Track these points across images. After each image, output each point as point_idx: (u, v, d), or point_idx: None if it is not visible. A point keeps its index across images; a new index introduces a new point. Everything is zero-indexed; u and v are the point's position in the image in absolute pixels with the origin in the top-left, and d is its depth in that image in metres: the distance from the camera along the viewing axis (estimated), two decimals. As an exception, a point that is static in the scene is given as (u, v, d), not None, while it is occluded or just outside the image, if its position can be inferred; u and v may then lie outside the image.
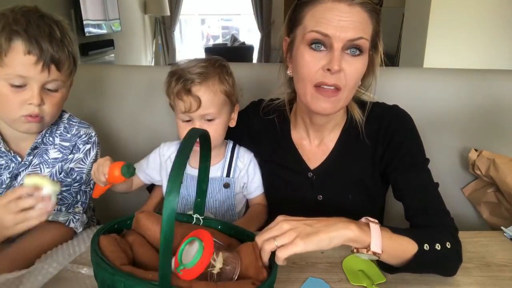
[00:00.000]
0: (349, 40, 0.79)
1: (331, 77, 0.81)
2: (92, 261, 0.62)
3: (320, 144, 0.99)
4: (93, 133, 1.00)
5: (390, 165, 0.92)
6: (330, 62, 0.79)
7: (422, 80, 1.28)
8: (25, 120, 0.85)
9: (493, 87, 1.26)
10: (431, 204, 0.85)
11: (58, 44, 0.83)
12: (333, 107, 0.85)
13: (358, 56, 0.81)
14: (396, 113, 0.94)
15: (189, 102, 0.91)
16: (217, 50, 5.44)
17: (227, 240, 0.74)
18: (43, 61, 0.80)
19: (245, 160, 1.05)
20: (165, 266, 0.53)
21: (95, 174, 0.88)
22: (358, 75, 0.84)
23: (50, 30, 0.82)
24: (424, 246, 0.74)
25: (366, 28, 0.81)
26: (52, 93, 0.86)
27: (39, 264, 0.78)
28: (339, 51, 0.79)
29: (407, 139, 0.92)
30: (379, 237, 0.71)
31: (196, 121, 0.94)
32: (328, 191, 0.99)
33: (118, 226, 0.74)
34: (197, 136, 0.60)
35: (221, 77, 0.95)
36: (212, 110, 0.93)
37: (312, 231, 0.67)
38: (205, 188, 0.76)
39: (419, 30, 2.41)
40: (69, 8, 3.21)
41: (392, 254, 0.73)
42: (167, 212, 0.52)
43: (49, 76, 0.83)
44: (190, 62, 0.96)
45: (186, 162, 0.55)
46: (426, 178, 0.89)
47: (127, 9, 4.59)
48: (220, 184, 1.03)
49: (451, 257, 0.78)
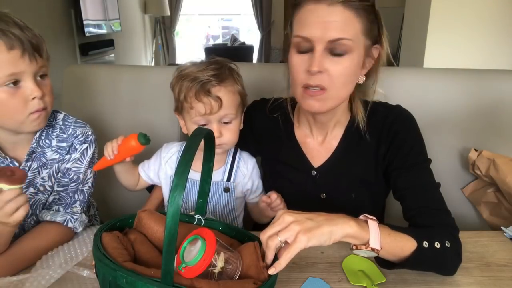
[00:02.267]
0: (329, 42, 0.80)
1: (314, 78, 0.82)
2: (94, 257, 0.62)
3: (323, 142, 1.00)
4: (89, 132, 0.98)
5: (392, 164, 0.92)
6: (310, 65, 0.81)
7: (422, 80, 1.28)
8: (35, 116, 0.83)
9: (493, 87, 1.26)
10: (431, 204, 0.85)
11: (28, 30, 0.80)
12: (321, 105, 0.87)
13: (342, 57, 0.81)
14: (399, 113, 0.95)
15: (209, 103, 0.89)
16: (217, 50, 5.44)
17: (228, 241, 0.74)
18: (27, 51, 0.78)
19: (249, 166, 1.05)
20: (169, 262, 0.53)
21: (107, 147, 0.92)
22: (345, 75, 0.84)
23: (13, 20, 0.79)
24: (423, 243, 0.75)
25: (350, 27, 0.80)
26: (44, 81, 0.85)
27: (44, 270, 0.78)
28: (320, 52, 0.80)
29: (410, 139, 0.92)
30: (377, 233, 0.72)
31: (213, 124, 0.92)
32: (331, 190, 0.99)
33: (120, 224, 0.74)
34: (203, 134, 0.60)
35: (235, 78, 0.95)
36: (232, 111, 0.93)
37: (313, 225, 0.68)
38: (208, 189, 0.76)
39: (419, 30, 2.41)
40: (69, 8, 3.21)
41: (391, 251, 0.74)
42: (172, 208, 0.52)
43: (37, 64, 0.81)
44: (199, 65, 0.94)
45: (192, 160, 0.55)
46: (428, 178, 0.89)
47: (127, 9, 4.59)
48: (220, 188, 1.02)
49: (451, 256, 0.78)
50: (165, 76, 1.01)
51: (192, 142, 0.57)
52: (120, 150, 0.92)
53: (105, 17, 3.79)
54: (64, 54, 3.17)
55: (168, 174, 1.05)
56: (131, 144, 0.90)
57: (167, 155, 1.06)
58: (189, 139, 0.58)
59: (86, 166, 0.97)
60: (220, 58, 0.98)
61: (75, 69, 1.39)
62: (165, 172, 1.05)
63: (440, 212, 0.84)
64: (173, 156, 1.06)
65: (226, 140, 0.95)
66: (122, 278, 0.56)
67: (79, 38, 3.31)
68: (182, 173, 0.53)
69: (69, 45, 3.25)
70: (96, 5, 3.59)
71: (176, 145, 1.08)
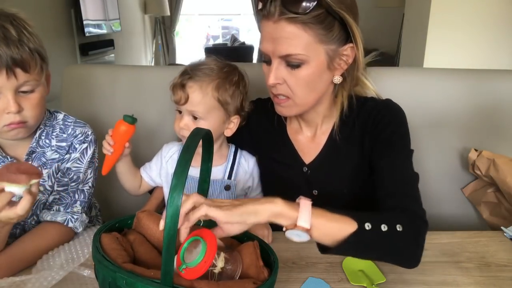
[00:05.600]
0: (281, 57, 0.82)
1: (275, 88, 0.87)
2: (94, 258, 0.62)
3: (314, 137, 1.00)
4: (89, 131, 0.98)
5: (373, 150, 0.92)
6: (268, 77, 0.85)
7: (422, 80, 1.28)
8: (8, 128, 0.82)
9: (493, 87, 1.26)
10: (402, 190, 0.82)
11: (16, 45, 0.77)
12: (288, 111, 0.91)
13: (299, 68, 0.83)
14: (386, 104, 0.95)
15: (179, 95, 0.95)
16: (217, 50, 5.44)
17: (227, 241, 0.74)
18: (5, 67, 0.76)
19: (249, 163, 1.07)
20: (168, 262, 0.53)
21: (103, 144, 0.95)
22: (304, 84, 0.85)
23: (3, 31, 0.77)
24: (365, 225, 0.70)
25: (298, 41, 0.80)
26: (28, 95, 0.83)
27: (46, 271, 0.78)
28: (276, 65, 0.83)
29: (391, 126, 0.91)
30: (308, 212, 0.68)
31: (184, 115, 0.97)
32: (323, 186, 0.99)
33: (119, 225, 0.74)
34: (201, 135, 0.60)
35: (220, 83, 0.95)
36: (198, 109, 0.95)
37: (238, 203, 0.67)
38: (207, 188, 0.76)
39: (419, 30, 2.41)
40: (69, 8, 3.20)
41: (324, 231, 0.70)
42: (172, 208, 0.52)
43: (17, 80, 0.78)
44: (206, 61, 1.00)
45: (191, 160, 0.55)
46: (405, 166, 0.86)
47: (127, 9, 4.59)
48: (221, 186, 1.03)
49: (403, 241, 0.73)
50: (165, 76, 1.02)
51: (190, 142, 0.57)
52: (115, 139, 0.94)
53: (105, 17, 3.79)
54: (64, 54, 3.17)
55: (169, 172, 1.06)
56: (121, 129, 0.93)
57: (168, 154, 1.07)
58: (187, 139, 0.58)
59: (86, 166, 0.97)
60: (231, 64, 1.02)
61: (75, 69, 1.39)
62: (166, 171, 1.06)
63: (406, 198, 0.80)
64: (174, 155, 1.07)
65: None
66: (122, 279, 0.56)
67: (79, 38, 3.31)
68: (181, 173, 0.53)
69: (69, 45, 3.25)
70: (96, 5, 3.59)
71: (176, 144, 1.09)
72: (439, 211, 1.22)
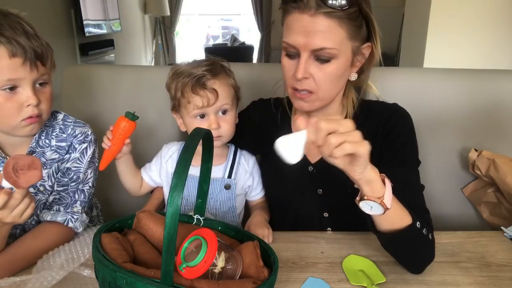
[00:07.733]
0: (312, 50, 0.82)
1: (301, 83, 0.86)
2: (94, 258, 0.62)
3: None
4: (89, 131, 0.98)
5: (383, 158, 0.93)
6: (296, 71, 0.84)
7: (422, 80, 1.28)
8: (25, 123, 0.84)
9: (493, 87, 1.26)
10: (414, 201, 0.85)
11: (35, 38, 0.81)
12: (310, 106, 0.90)
13: (328, 63, 0.83)
14: (395, 110, 0.97)
15: (206, 96, 0.94)
16: (217, 50, 5.44)
17: (227, 241, 0.74)
18: (29, 60, 0.80)
19: (249, 162, 1.08)
20: (168, 262, 0.53)
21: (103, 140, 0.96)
22: (331, 79, 0.86)
23: (21, 26, 0.80)
24: (416, 223, 0.77)
25: (334, 36, 0.81)
26: (43, 89, 0.86)
27: (46, 271, 0.78)
28: (305, 59, 0.83)
29: (403, 136, 0.93)
30: (391, 193, 0.72)
31: (211, 116, 0.96)
32: (328, 185, 1.00)
33: (119, 225, 0.74)
34: (202, 134, 0.61)
35: (227, 72, 0.99)
36: (227, 101, 0.97)
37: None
38: (206, 189, 0.76)
39: (419, 30, 2.41)
40: (69, 8, 3.20)
41: (393, 217, 0.75)
42: (172, 208, 0.52)
43: (38, 72, 0.82)
44: (192, 63, 1.00)
45: (191, 159, 0.55)
46: (414, 178, 0.90)
47: (127, 9, 4.59)
48: (221, 185, 1.03)
49: (429, 248, 0.81)
50: (165, 76, 1.02)
51: (190, 142, 0.57)
52: (115, 135, 0.95)
53: (105, 17, 3.79)
54: (64, 54, 3.17)
55: (169, 172, 1.06)
56: (122, 125, 0.94)
57: (167, 153, 1.07)
58: (187, 139, 0.58)
59: (86, 166, 0.97)
60: (213, 57, 1.02)
61: (75, 69, 1.39)
62: (166, 171, 1.06)
63: (420, 210, 0.85)
64: (174, 154, 1.07)
65: (223, 131, 0.98)
66: (122, 279, 0.56)
67: (79, 38, 3.31)
68: (181, 173, 0.53)
69: (69, 45, 3.25)
70: (96, 5, 3.59)
71: (175, 144, 1.10)
72: (439, 211, 1.22)
